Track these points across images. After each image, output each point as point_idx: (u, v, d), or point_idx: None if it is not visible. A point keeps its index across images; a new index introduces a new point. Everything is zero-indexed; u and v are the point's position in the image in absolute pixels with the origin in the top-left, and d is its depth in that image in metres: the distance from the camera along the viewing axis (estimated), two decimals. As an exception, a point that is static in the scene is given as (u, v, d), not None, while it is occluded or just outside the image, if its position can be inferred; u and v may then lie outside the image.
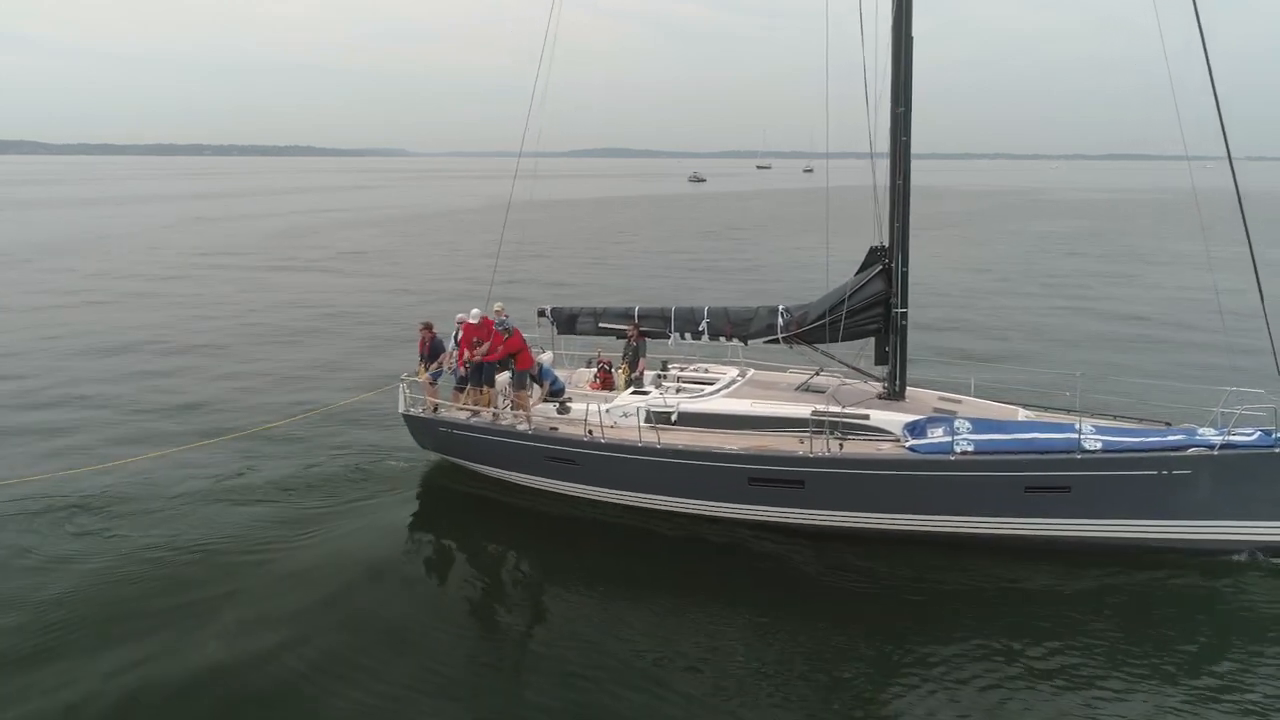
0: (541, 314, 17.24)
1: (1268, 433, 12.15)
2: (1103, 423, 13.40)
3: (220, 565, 12.70)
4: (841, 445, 13.03)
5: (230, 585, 12.09)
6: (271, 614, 11.37)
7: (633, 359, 15.91)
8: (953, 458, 12.45)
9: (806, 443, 13.10)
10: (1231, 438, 12.06)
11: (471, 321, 15.73)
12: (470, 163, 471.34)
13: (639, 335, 16.00)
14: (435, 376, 16.38)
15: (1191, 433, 12.47)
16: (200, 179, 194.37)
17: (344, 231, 67.92)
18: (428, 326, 16.91)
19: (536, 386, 15.89)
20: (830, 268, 15.53)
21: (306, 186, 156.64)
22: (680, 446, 13.61)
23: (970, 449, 12.51)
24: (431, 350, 16.60)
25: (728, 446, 13.43)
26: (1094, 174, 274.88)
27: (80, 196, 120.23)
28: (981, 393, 14.84)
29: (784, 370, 16.08)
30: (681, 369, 16.52)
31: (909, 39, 13.06)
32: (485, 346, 15.31)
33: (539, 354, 16.44)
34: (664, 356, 17.18)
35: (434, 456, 16.70)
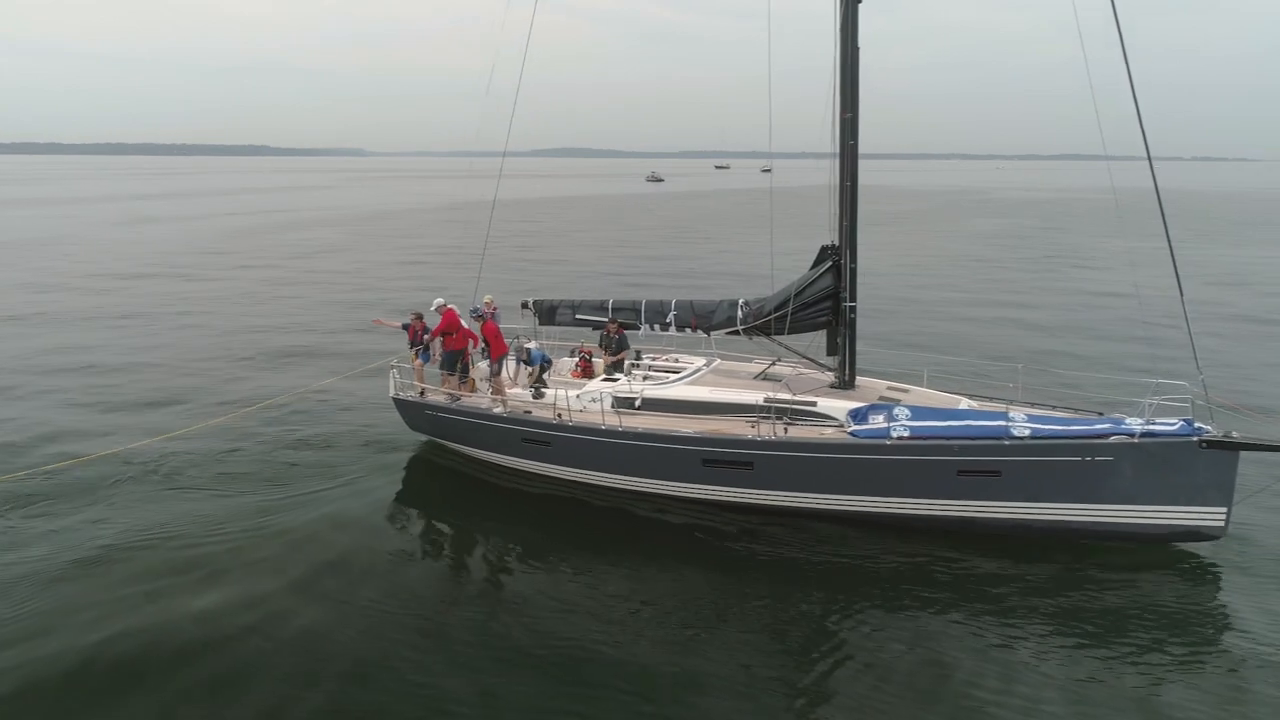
0: (525, 306, 18.31)
1: (1189, 422, 12.84)
2: (1039, 412, 14.14)
3: (205, 544, 13.43)
4: (787, 429, 13.93)
5: (215, 563, 12.83)
6: (255, 591, 12.06)
7: (615, 350, 16.94)
8: (889, 442, 13.29)
9: (756, 427, 14.02)
10: (1152, 427, 12.78)
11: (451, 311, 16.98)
12: (431, 162, 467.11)
13: (619, 329, 17.04)
14: (425, 361, 17.59)
15: (1118, 422, 13.19)
16: (150, 179, 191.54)
17: (294, 233, 67.21)
18: (418, 316, 18.05)
19: (526, 368, 17.10)
20: (782, 265, 16.36)
21: (257, 187, 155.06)
22: (640, 429, 14.57)
23: (906, 434, 13.34)
24: (422, 338, 17.81)
25: (683, 430, 14.38)
26: (1042, 174, 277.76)
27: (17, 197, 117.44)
28: (933, 383, 15.64)
29: (749, 360, 16.99)
30: (654, 358, 17.49)
31: (855, 48, 13.88)
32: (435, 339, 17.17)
33: (527, 342, 17.59)
34: (649, 348, 18.17)
35: (423, 437, 17.85)
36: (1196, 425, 12.76)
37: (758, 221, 77.51)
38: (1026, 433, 13.06)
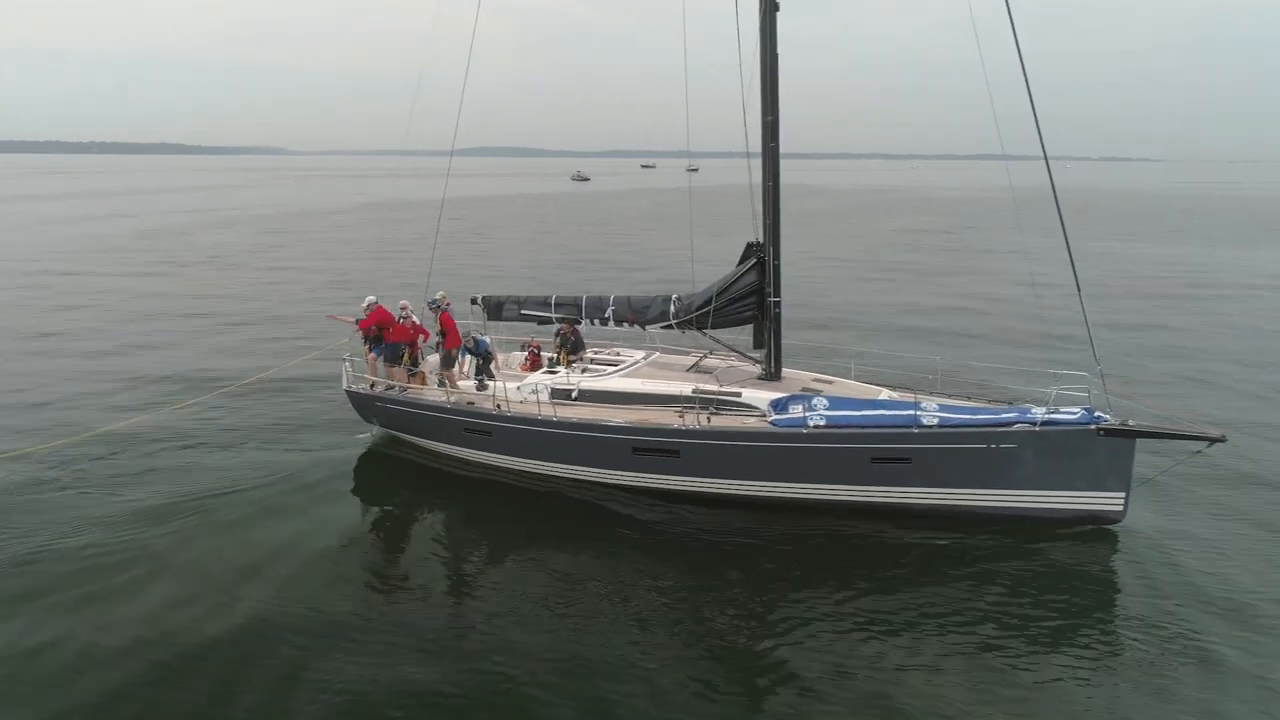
0: (474, 301, 18.93)
1: (1090, 411, 13.47)
2: (951, 402, 14.75)
3: (148, 535, 13.81)
4: (710, 419, 14.55)
5: (158, 558, 13.15)
6: (202, 580, 12.46)
7: (572, 349, 17.61)
8: (805, 431, 13.91)
9: (683, 417, 14.64)
10: (1054, 416, 13.40)
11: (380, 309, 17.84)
12: (353, 161, 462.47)
13: (573, 330, 17.71)
14: (378, 355, 18.24)
15: (1024, 412, 13.80)
16: (51, 179, 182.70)
17: (208, 234, 65.16)
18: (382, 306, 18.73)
19: (474, 359, 17.76)
20: (707, 262, 17.01)
21: (165, 187, 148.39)
22: (573, 419, 15.19)
23: (822, 423, 13.96)
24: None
25: (614, 420, 14.99)
26: (957, 174, 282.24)
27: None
28: (860, 376, 16.25)
29: (687, 353, 17.61)
30: (597, 352, 18.12)
31: (774, 53, 14.50)
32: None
33: (479, 334, 18.25)
34: (597, 342, 18.80)
35: (376, 429, 18.47)
36: (1096, 414, 13.39)
37: (682, 220, 78.85)
38: (935, 421, 13.67)
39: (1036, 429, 13.27)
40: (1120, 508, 13.51)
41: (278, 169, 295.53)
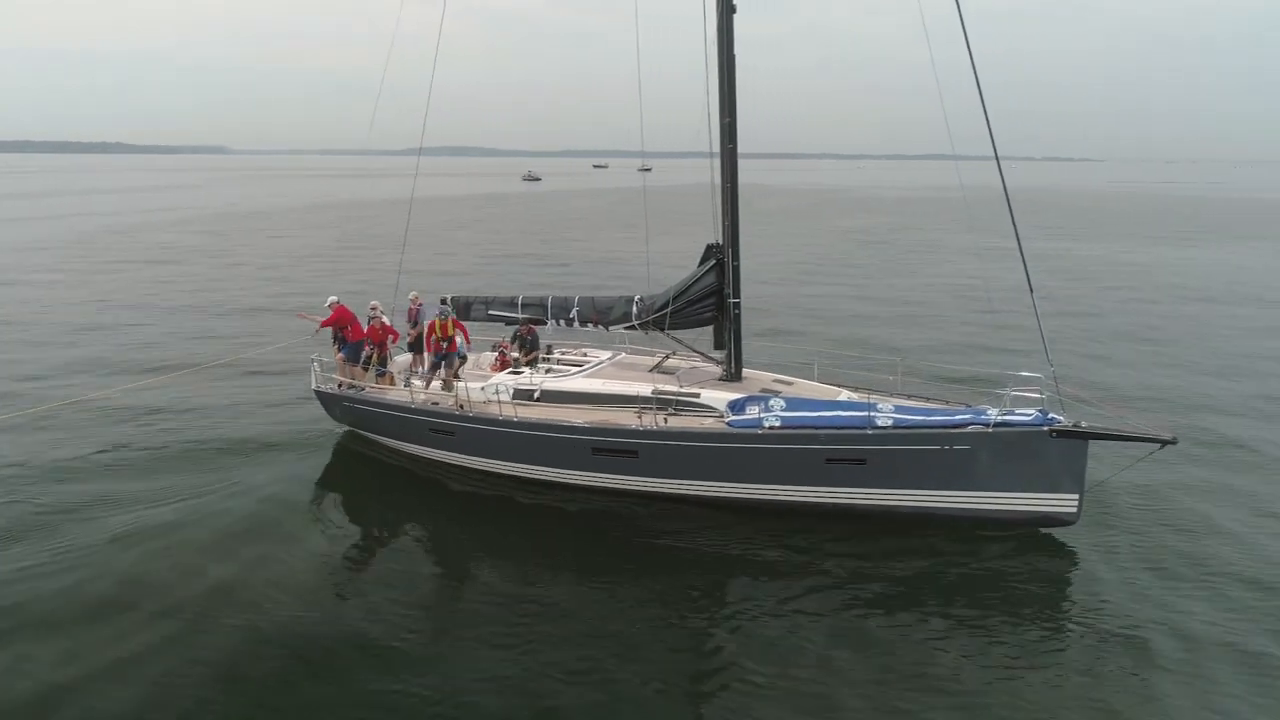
0: (444, 301, 18.97)
1: (1044, 413, 13.47)
2: (908, 403, 14.77)
3: (106, 532, 13.78)
4: (667, 420, 14.59)
5: (114, 550, 13.21)
6: (150, 578, 12.45)
7: (529, 348, 17.67)
8: (760, 432, 13.94)
9: (641, 417, 14.68)
10: (1008, 417, 13.41)
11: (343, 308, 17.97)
12: (300, 160, 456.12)
13: (530, 330, 17.77)
14: (345, 355, 18.33)
15: (980, 413, 13.81)
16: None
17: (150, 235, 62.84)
18: (343, 306, 18.79)
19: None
20: (657, 261, 17.05)
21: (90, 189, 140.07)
22: (533, 420, 15.25)
23: (778, 424, 13.98)
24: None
25: (574, 420, 15.04)
26: (906, 173, 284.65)
27: None
28: (822, 376, 16.28)
29: (653, 354, 17.65)
30: (564, 352, 18.19)
31: (731, 55, 14.53)
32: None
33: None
34: (565, 342, 18.87)
35: (344, 428, 18.56)
36: (1050, 416, 13.39)
37: (633, 220, 78.69)
38: (889, 422, 13.68)
39: (990, 430, 13.28)
40: (1074, 509, 13.50)
41: (218, 169, 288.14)
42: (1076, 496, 13.45)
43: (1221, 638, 10.93)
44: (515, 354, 18.02)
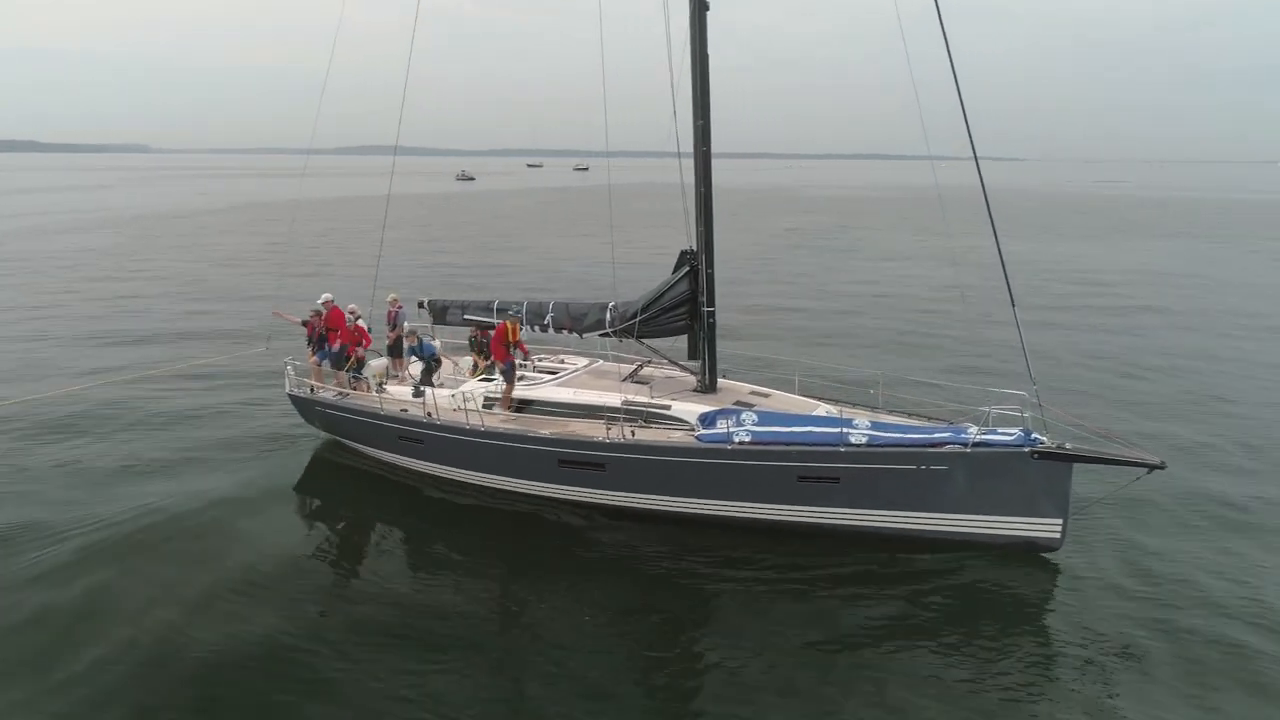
0: (421, 305, 18.61)
1: (1027, 433, 12.81)
2: (886, 419, 14.14)
3: (70, 536, 13.69)
4: (634, 432, 14.06)
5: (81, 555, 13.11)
6: (109, 580, 12.38)
7: (485, 352, 17.23)
8: (730, 447, 13.38)
9: (609, 429, 14.16)
10: (987, 437, 12.76)
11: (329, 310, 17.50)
12: (222, 160, 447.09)
13: (483, 333, 17.35)
14: (320, 359, 17.97)
15: (959, 431, 13.18)
16: None
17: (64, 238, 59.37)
18: (318, 314, 18.42)
19: (416, 360, 17.51)
20: (630, 267, 16.51)
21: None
22: (500, 429, 14.79)
23: (748, 439, 13.42)
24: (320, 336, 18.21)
25: (540, 431, 14.56)
26: (842, 173, 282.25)
27: None
28: (803, 389, 15.67)
29: (632, 362, 17.13)
30: (541, 359, 17.71)
31: (704, 56, 13.97)
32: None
33: (430, 339, 17.97)
34: (545, 349, 18.39)
35: (320, 433, 18.22)
36: (1033, 436, 12.72)
37: (571, 220, 77.84)
38: (864, 440, 13.08)
39: (968, 450, 12.64)
40: (1057, 534, 12.84)
41: (137, 167, 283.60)
42: (1060, 521, 12.78)
43: (1219, 666, 10.37)
44: (470, 358, 17.65)
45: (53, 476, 16.11)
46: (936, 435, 13.14)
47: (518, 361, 17.48)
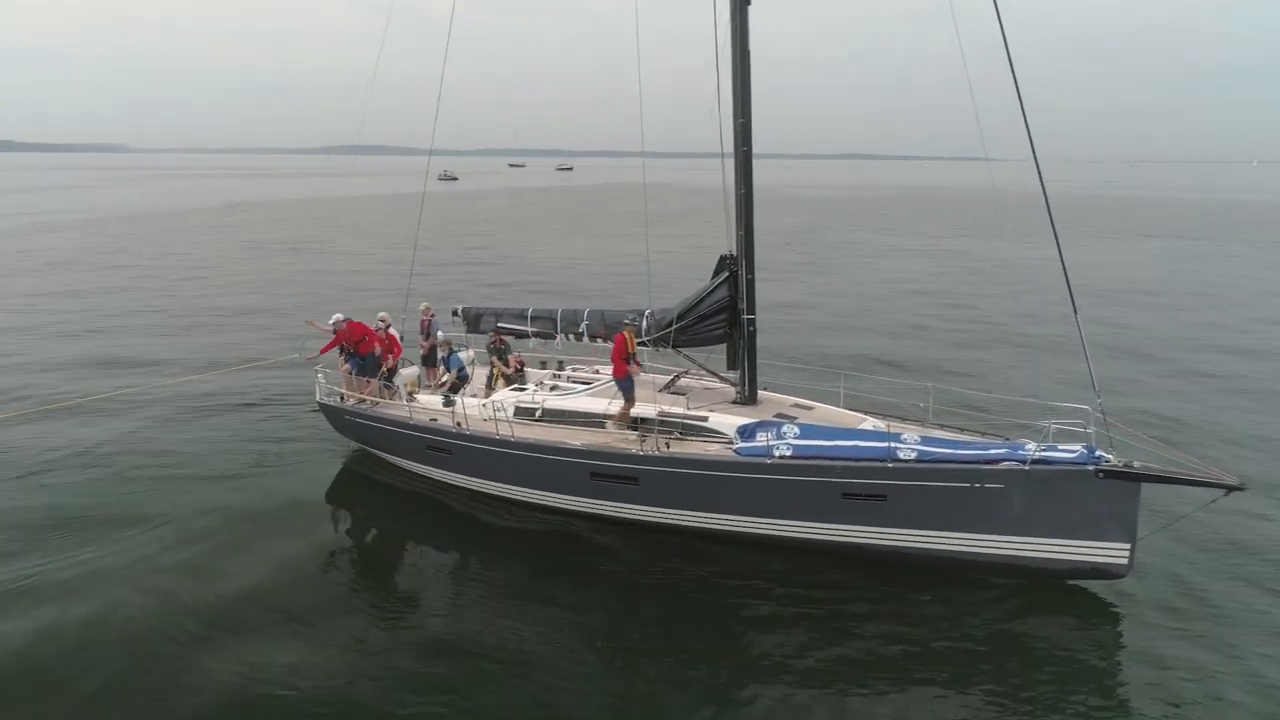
0: (455, 313, 18.21)
1: (1091, 450, 11.92)
2: (936, 434, 13.34)
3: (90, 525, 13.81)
4: (669, 445, 13.43)
5: (103, 546, 13.19)
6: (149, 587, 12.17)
7: (502, 358, 16.77)
8: (770, 461, 12.68)
9: (643, 441, 13.55)
10: (1047, 453, 11.90)
11: (353, 323, 17.11)
12: (203, 159, 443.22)
13: (500, 340, 16.94)
14: (352, 368, 17.63)
15: (1016, 447, 12.33)
16: None
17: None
18: (350, 320, 18.11)
19: (446, 374, 17.08)
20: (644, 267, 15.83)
21: None
22: (531, 440, 14.24)
23: (789, 453, 12.71)
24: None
25: (573, 443, 13.99)
26: (819, 173, 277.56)
27: None
28: (848, 401, 14.91)
29: (668, 372, 16.51)
30: (575, 369, 17.17)
31: (745, 51, 13.37)
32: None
33: (459, 351, 17.57)
34: (577, 358, 17.86)
35: (353, 443, 17.86)
36: (1097, 453, 11.84)
37: (565, 221, 76.64)
38: (913, 456, 12.29)
39: (1026, 468, 11.79)
40: (1124, 560, 11.90)
41: (115, 167, 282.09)
42: (1127, 546, 11.84)
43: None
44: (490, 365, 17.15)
45: (76, 481, 15.93)
46: (992, 452, 12.30)
47: (554, 373, 17.02)
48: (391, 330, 17.75)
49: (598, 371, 16.90)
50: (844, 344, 26.73)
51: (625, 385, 14.43)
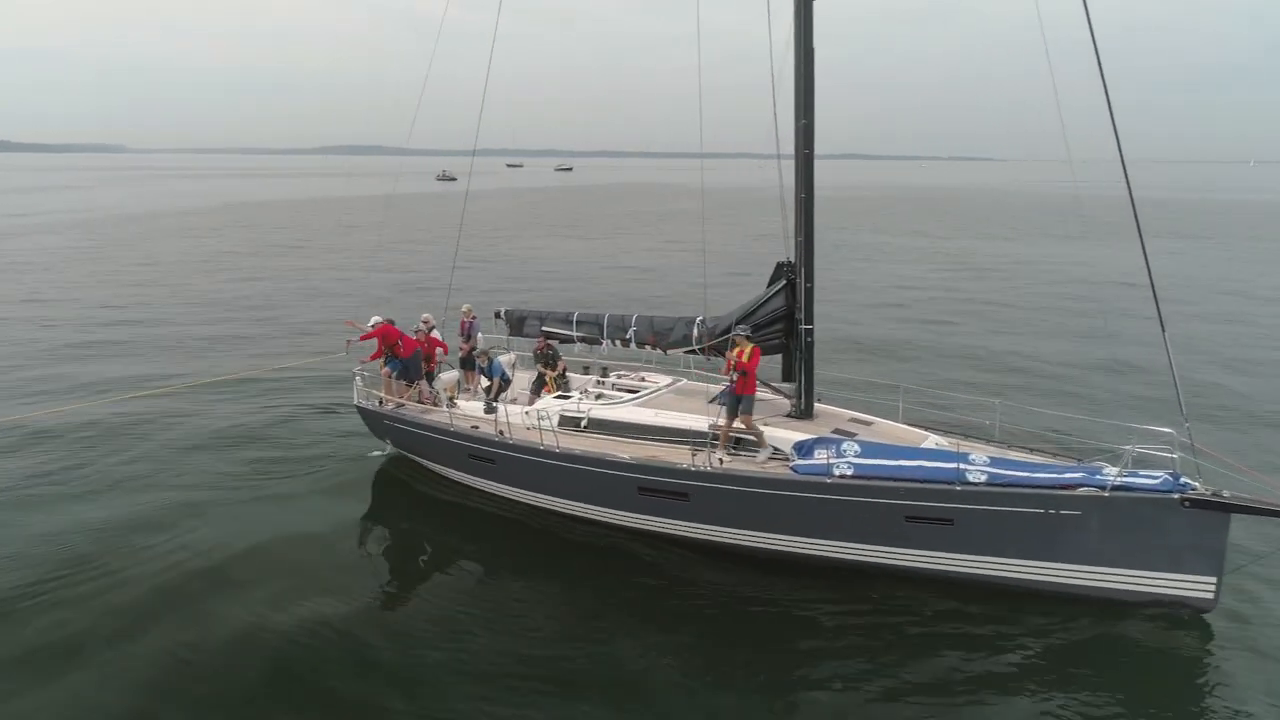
0: (497, 315, 17.74)
1: (1175, 476, 11.20)
2: (1009, 455, 12.65)
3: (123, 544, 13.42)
4: (724, 460, 12.86)
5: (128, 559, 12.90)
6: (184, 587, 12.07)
7: (548, 362, 16.26)
8: (829, 480, 12.07)
9: (694, 456, 12.98)
10: (1128, 479, 11.19)
11: (387, 325, 16.65)
12: (202, 160, 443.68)
13: (545, 345, 16.43)
14: (392, 370, 17.20)
15: (1094, 471, 11.62)
16: None
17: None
18: (389, 322, 17.68)
19: (485, 379, 16.59)
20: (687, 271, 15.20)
21: None
22: (576, 451, 13.72)
23: (849, 473, 12.09)
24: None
25: (619, 455, 13.46)
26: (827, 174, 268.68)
27: None
28: (907, 416, 14.25)
29: (719, 381, 15.92)
30: (620, 375, 16.63)
31: (810, 49, 12.72)
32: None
33: (501, 354, 17.11)
34: (622, 364, 17.31)
35: (392, 448, 17.45)
36: (1183, 480, 11.11)
37: (574, 222, 75.74)
38: (984, 478, 11.63)
39: (1106, 494, 11.09)
40: (1210, 595, 11.18)
41: (114, 168, 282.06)
42: (1213, 580, 11.12)
43: None
44: (539, 371, 16.61)
45: (112, 484, 15.71)
46: (1068, 476, 11.60)
47: (597, 379, 16.50)
48: (434, 333, 17.33)
49: (643, 379, 16.36)
50: (895, 353, 25.86)
51: (745, 402, 13.26)
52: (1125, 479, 11.17)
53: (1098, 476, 11.42)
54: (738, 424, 13.22)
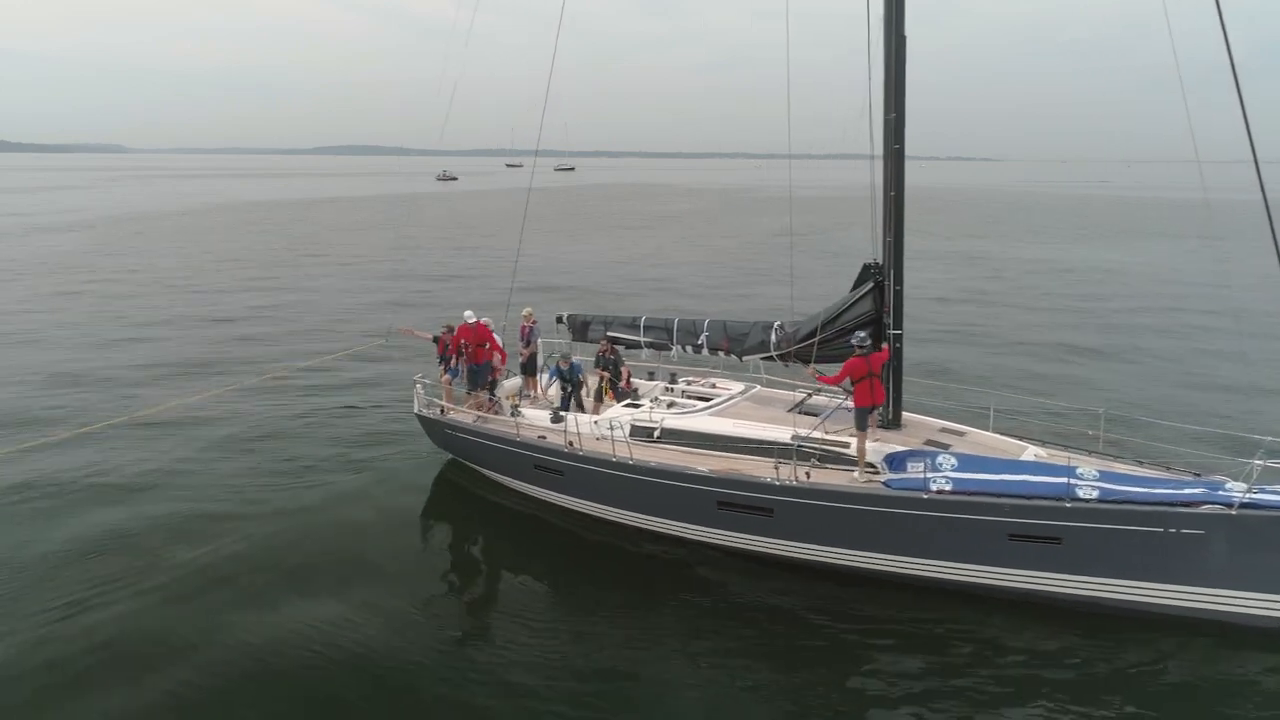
0: (559, 320, 17.23)
1: (1308, 492, 10.37)
2: (1119, 468, 11.87)
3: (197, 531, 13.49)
4: (809, 474, 12.20)
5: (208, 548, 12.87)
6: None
7: (613, 370, 15.67)
8: (925, 496, 11.37)
9: (778, 469, 12.34)
10: (1258, 496, 10.39)
11: (467, 324, 16.06)
12: (200, 160, 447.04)
13: (610, 349, 15.84)
14: (453, 376, 16.74)
15: (1216, 487, 10.82)
16: None
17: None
18: (450, 329, 17.22)
19: (559, 384, 16.09)
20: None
21: None
22: (652, 464, 13.13)
23: (948, 488, 11.39)
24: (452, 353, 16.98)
25: (699, 468, 12.85)
26: (810, 173, 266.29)
27: None
28: (999, 425, 13.50)
29: (794, 390, 15.26)
30: (690, 382, 16.03)
31: (901, 38, 12.02)
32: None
33: (576, 358, 16.57)
34: (691, 370, 16.71)
35: (448, 456, 16.99)
36: (1316, 497, 10.28)
37: (578, 221, 74.73)
38: (1095, 494, 10.87)
39: (1233, 512, 10.29)
40: None
41: (114, 168, 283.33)
42: None
43: None
44: (598, 376, 16.03)
45: (155, 486, 15.58)
46: (1187, 491, 10.82)
47: (666, 386, 15.92)
48: (496, 338, 16.85)
49: (714, 386, 15.74)
50: (982, 359, 24.83)
51: (859, 417, 12.53)
52: (1254, 496, 10.37)
53: (1220, 492, 10.63)
54: (845, 436, 12.55)
